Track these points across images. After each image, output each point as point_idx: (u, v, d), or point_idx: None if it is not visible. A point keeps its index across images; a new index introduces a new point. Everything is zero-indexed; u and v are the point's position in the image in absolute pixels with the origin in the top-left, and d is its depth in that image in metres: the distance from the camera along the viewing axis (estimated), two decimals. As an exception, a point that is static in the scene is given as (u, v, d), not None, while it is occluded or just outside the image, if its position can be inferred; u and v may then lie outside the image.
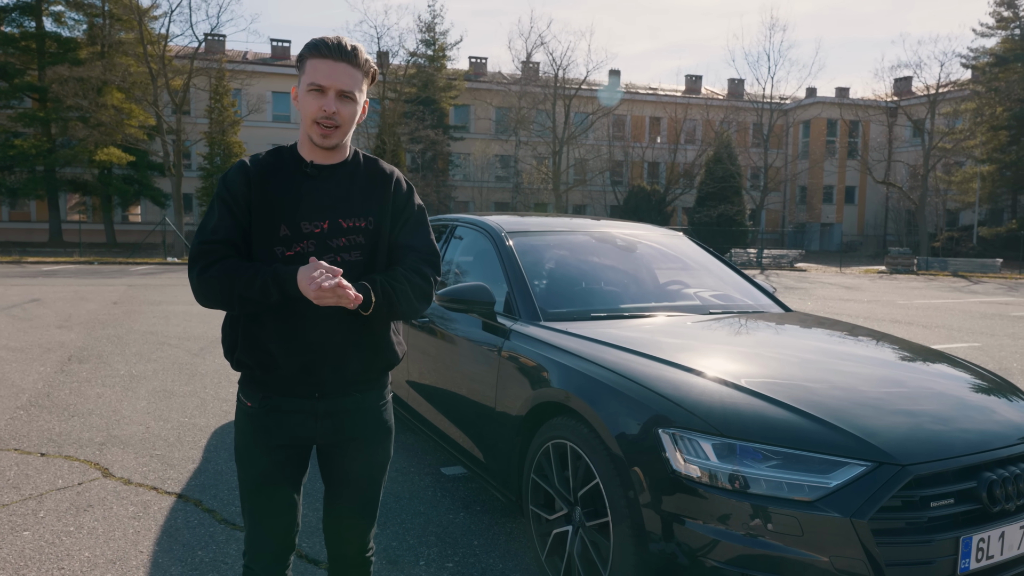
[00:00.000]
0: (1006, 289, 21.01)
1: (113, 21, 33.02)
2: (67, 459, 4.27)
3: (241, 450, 1.95)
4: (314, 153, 1.87)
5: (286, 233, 1.82)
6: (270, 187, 1.84)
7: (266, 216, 1.82)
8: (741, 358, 2.82)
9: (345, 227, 1.86)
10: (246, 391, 1.93)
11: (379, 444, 2.00)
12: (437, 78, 39.56)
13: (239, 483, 1.99)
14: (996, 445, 2.27)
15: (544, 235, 3.99)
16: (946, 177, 39.55)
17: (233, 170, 1.87)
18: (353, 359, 1.89)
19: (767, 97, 38.98)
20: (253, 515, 1.96)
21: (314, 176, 1.87)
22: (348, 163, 1.92)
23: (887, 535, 2.01)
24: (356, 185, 1.90)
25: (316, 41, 1.79)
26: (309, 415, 1.89)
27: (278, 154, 1.91)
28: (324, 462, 2.01)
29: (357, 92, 1.81)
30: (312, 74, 1.78)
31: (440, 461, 4.39)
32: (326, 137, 1.81)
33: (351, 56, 1.79)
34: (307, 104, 1.79)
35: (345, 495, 2.01)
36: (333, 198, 1.86)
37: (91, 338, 8.59)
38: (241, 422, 1.95)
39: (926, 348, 3.29)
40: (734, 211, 35.86)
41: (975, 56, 40.46)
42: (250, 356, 1.86)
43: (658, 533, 2.23)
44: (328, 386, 1.89)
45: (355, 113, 1.84)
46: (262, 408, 1.89)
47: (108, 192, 34.52)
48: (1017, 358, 8.51)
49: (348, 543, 2.05)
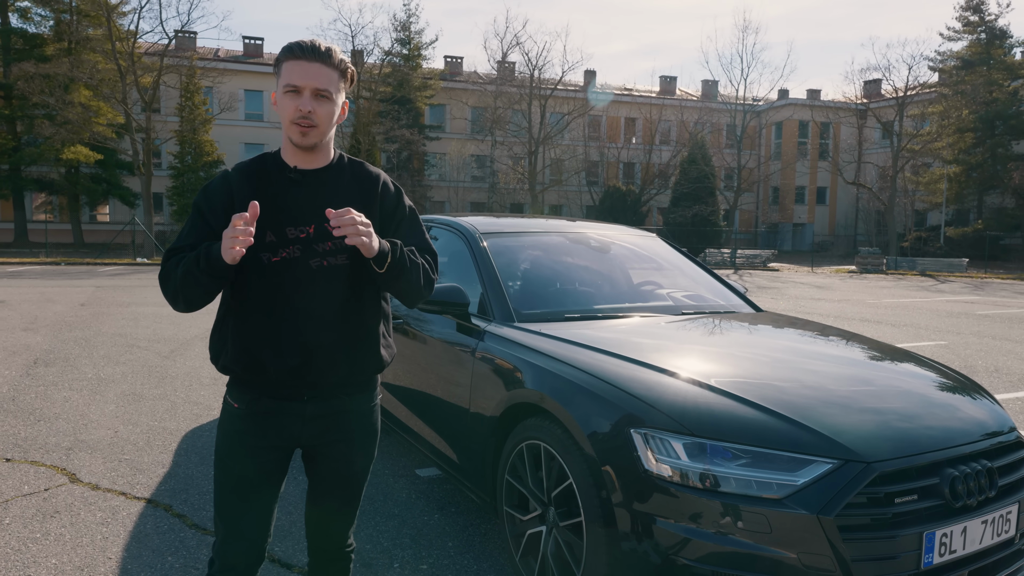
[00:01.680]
0: (972, 288, 21.46)
1: (81, 17, 32.43)
2: (33, 464, 4.19)
3: (223, 452, 1.93)
4: (297, 157, 1.87)
5: (272, 239, 1.82)
6: (254, 193, 1.84)
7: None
8: (713, 358, 2.86)
9: (331, 231, 1.83)
10: (234, 393, 1.93)
11: (364, 447, 2.01)
12: (412, 77, 39.40)
13: (216, 487, 1.96)
14: (959, 442, 2.32)
15: (518, 236, 4.00)
16: (914, 178, 40.28)
17: (215, 179, 1.90)
18: (343, 362, 1.89)
19: (740, 99, 39.43)
20: (228, 520, 1.94)
21: (298, 181, 1.87)
22: (333, 167, 1.92)
23: (853, 531, 2.05)
24: (342, 189, 1.90)
25: (291, 44, 1.80)
26: (297, 417, 1.90)
27: (262, 160, 1.91)
28: (308, 462, 2.02)
29: (333, 91, 1.81)
30: (287, 76, 1.79)
31: (414, 463, 4.38)
32: (304, 136, 1.81)
33: (325, 56, 1.79)
34: (284, 106, 1.80)
35: (327, 493, 2.02)
36: (318, 203, 1.85)
37: (58, 341, 8.43)
38: (226, 423, 1.94)
39: (893, 347, 3.35)
40: (708, 211, 36.20)
41: (942, 59, 41.25)
42: (238, 361, 1.86)
43: (630, 532, 2.24)
44: (317, 389, 1.89)
45: (332, 112, 1.83)
46: (249, 409, 1.90)
47: (75, 191, 33.93)
48: (982, 356, 8.70)
49: (328, 538, 2.08)
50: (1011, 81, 38.50)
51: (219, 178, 1.89)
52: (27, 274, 18.99)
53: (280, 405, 1.89)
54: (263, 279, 1.83)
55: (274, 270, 1.83)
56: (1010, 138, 38.15)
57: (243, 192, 1.84)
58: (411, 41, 39.99)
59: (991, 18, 39.64)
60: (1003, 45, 39.60)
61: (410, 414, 3.84)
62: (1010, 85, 38.35)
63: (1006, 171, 37.15)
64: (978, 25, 39.96)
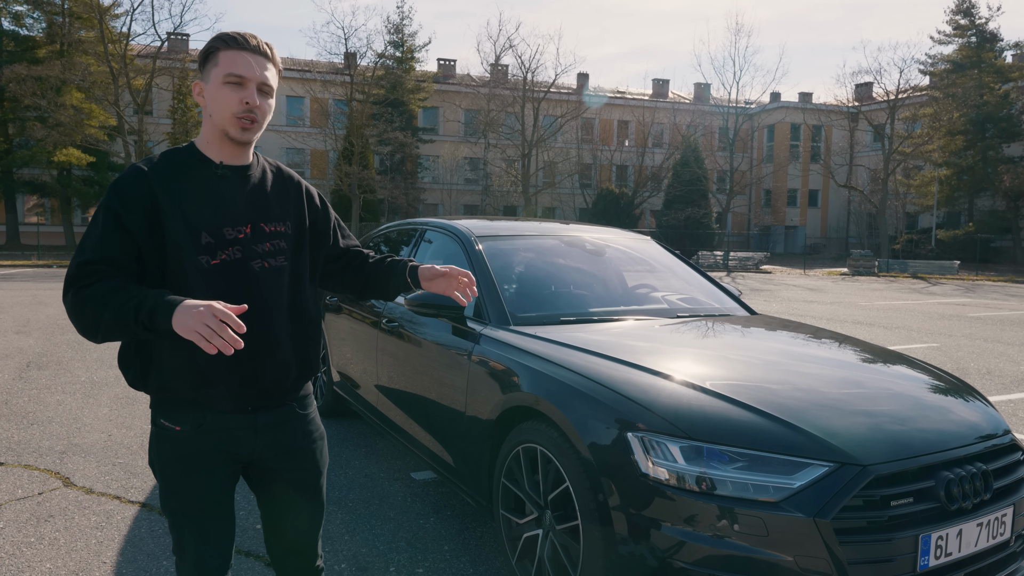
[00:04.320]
0: (963, 290, 21.57)
1: (73, 19, 32.32)
2: (26, 468, 4.17)
3: (171, 481, 1.76)
4: (224, 153, 1.75)
5: (209, 240, 1.68)
6: (181, 192, 1.68)
7: (181, 224, 1.66)
8: (708, 361, 2.86)
9: (268, 231, 1.78)
10: (171, 415, 1.74)
11: (320, 451, 1.93)
12: (406, 80, 39.40)
13: (173, 518, 1.79)
14: (953, 445, 2.34)
15: (513, 239, 4.01)
16: (906, 181, 40.50)
17: (127, 176, 1.68)
18: (294, 365, 1.82)
19: (733, 102, 39.55)
20: (190, 546, 1.79)
21: (228, 177, 1.75)
22: (257, 164, 1.84)
23: (849, 534, 2.06)
24: (271, 188, 1.82)
25: (231, 34, 1.71)
26: (248, 430, 1.77)
27: (175, 156, 1.75)
28: (261, 485, 1.88)
29: (274, 88, 1.77)
30: (230, 65, 1.68)
31: (410, 466, 4.38)
32: (245, 131, 1.70)
33: (267, 53, 1.74)
34: (223, 97, 1.68)
35: (292, 511, 1.89)
36: (251, 201, 1.77)
37: (50, 344, 8.39)
38: (168, 451, 1.75)
39: (886, 350, 3.37)
40: (701, 214, 36.34)
41: (933, 63, 41.53)
42: (179, 378, 1.69)
43: (627, 535, 2.25)
44: (268, 395, 1.79)
45: (271, 109, 1.76)
46: (196, 431, 1.73)
47: (67, 194, 33.77)
48: (974, 358, 8.75)
49: (300, 556, 1.94)
50: (1001, 84, 38.79)
51: (132, 175, 1.68)
52: (19, 277, 18.88)
53: (229, 419, 1.75)
54: (203, 284, 1.67)
55: (215, 273, 1.69)
56: (1001, 141, 38.43)
57: (165, 189, 1.67)
58: (404, 44, 40.00)
59: (981, 21, 39.93)
60: (993, 48, 39.89)
61: (405, 417, 3.84)
62: (1000, 88, 38.64)
63: (997, 174, 37.40)
64: (968, 29, 40.23)
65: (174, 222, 1.66)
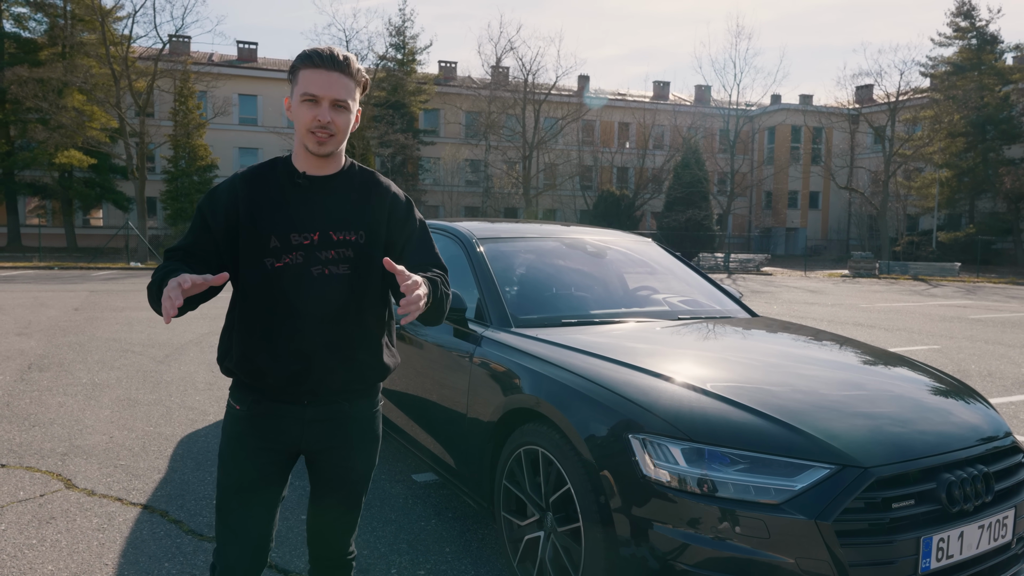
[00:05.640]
0: (964, 292, 21.56)
1: (75, 22, 32.34)
2: (28, 470, 4.17)
3: (226, 454, 1.94)
4: (308, 163, 1.88)
5: (275, 244, 1.83)
6: (262, 199, 1.85)
7: (255, 227, 1.83)
8: (709, 363, 2.87)
9: (335, 240, 1.86)
10: (236, 395, 1.95)
11: (364, 453, 2.00)
12: (407, 82, 39.40)
13: (218, 490, 1.97)
14: (955, 447, 2.34)
15: (514, 241, 4.01)
16: (906, 183, 40.46)
17: (223, 182, 1.91)
18: (341, 369, 1.89)
19: (733, 104, 39.54)
20: (229, 523, 1.94)
21: (306, 187, 1.87)
22: (342, 174, 1.92)
23: (850, 536, 2.06)
24: (350, 197, 1.90)
25: (309, 52, 1.80)
26: (296, 420, 1.90)
27: (272, 165, 1.92)
28: (311, 467, 2.03)
29: (350, 101, 1.83)
30: (306, 84, 1.79)
31: (411, 468, 4.38)
32: (322, 144, 1.81)
33: (344, 66, 1.80)
34: (301, 114, 1.80)
35: (328, 498, 2.02)
36: (325, 209, 1.86)
37: (52, 345, 8.40)
38: (228, 426, 1.96)
39: (887, 352, 3.37)
40: (702, 216, 36.29)
41: (933, 65, 41.48)
42: (240, 365, 1.88)
43: (629, 537, 2.25)
44: (317, 394, 1.90)
45: (349, 122, 1.85)
46: (250, 412, 1.91)
47: (69, 195, 33.78)
48: (975, 360, 8.74)
49: (329, 545, 2.07)
50: (1002, 86, 38.74)
51: (227, 181, 1.90)
52: (20, 278, 18.90)
53: (280, 408, 1.90)
54: (266, 284, 1.84)
55: (277, 275, 1.83)
56: (1001, 143, 38.37)
57: (247, 196, 1.85)
58: (406, 46, 39.99)
59: (982, 24, 39.89)
60: (994, 50, 39.85)
61: (407, 419, 3.84)
62: (1001, 90, 38.60)
63: (997, 175, 37.34)
64: (969, 31, 40.20)
65: (248, 225, 1.83)
